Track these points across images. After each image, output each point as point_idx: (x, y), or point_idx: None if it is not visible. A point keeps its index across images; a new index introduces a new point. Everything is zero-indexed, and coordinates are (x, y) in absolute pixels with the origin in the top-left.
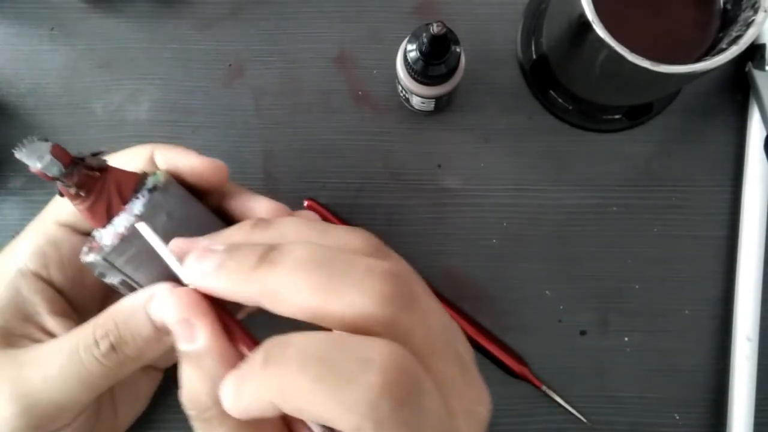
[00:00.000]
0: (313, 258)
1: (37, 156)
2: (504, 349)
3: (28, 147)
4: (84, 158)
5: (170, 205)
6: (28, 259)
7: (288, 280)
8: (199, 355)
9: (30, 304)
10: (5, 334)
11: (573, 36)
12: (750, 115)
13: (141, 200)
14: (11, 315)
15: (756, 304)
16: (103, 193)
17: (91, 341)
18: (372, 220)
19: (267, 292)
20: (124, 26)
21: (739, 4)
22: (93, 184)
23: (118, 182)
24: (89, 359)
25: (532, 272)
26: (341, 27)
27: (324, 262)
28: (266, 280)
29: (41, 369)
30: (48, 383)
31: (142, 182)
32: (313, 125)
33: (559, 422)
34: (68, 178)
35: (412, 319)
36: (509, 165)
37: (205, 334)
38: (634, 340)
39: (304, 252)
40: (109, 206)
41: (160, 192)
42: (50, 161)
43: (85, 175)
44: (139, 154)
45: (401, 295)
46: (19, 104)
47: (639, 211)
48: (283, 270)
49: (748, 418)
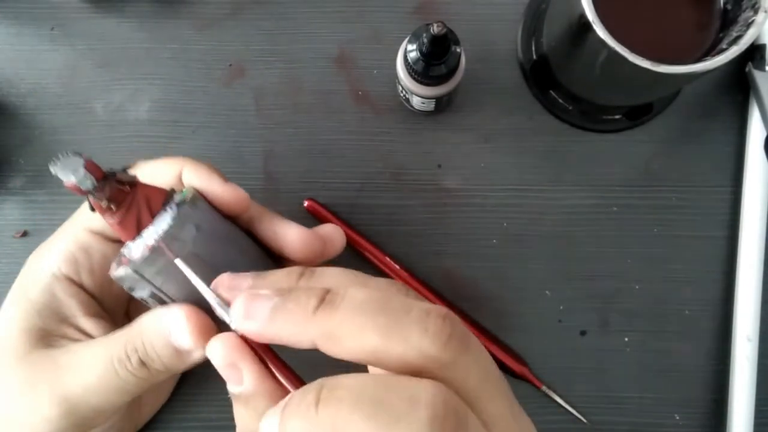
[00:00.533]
0: (373, 300)
1: (71, 170)
2: (504, 349)
3: (62, 161)
4: (115, 173)
5: (198, 217)
6: (62, 264)
7: (349, 322)
8: (248, 396)
9: (66, 307)
10: (44, 335)
11: (573, 36)
12: (750, 115)
13: (170, 213)
14: (49, 317)
15: (756, 304)
16: (133, 206)
17: (124, 356)
18: (372, 220)
19: (327, 335)
20: (124, 26)
21: (739, 5)
22: (123, 198)
23: (147, 197)
24: (123, 371)
25: (532, 272)
26: (341, 27)
27: (383, 305)
28: (327, 324)
29: (81, 377)
30: (88, 390)
31: (170, 197)
32: (313, 125)
33: (559, 422)
34: (100, 191)
35: (468, 359)
36: (509, 165)
37: (252, 376)
38: (634, 340)
39: (362, 295)
40: (139, 219)
41: (189, 205)
42: (84, 175)
43: (116, 189)
44: (168, 169)
45: (458, 336)
46: (20, 104)
47: (639, 211)
48: (345, 312)
49: (748, 419)
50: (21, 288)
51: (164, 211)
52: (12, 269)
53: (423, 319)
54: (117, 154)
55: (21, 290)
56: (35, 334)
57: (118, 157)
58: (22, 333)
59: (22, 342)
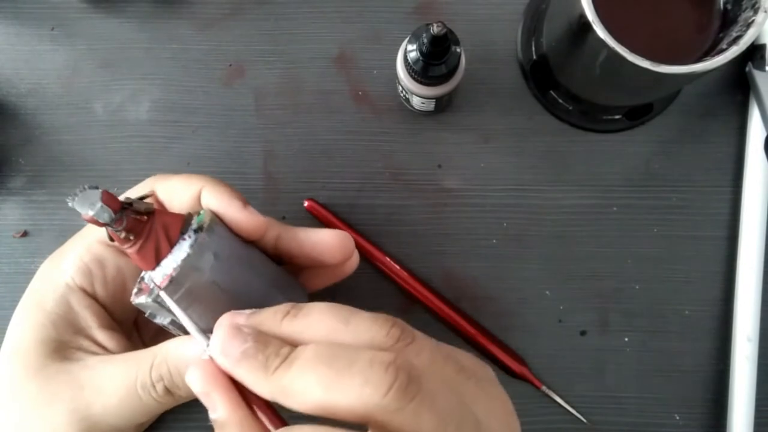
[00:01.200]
0: (321, 356)
1: (88, 204)
2: (504, 349)
3: (80, 196)
4: (132, 203)
5: (216, 245)
6: (75, 275)
7: (299, 379)
8: (222, 423)
9: (81, 318)
10: (60, 347)
11: (573, 36)
12: (750, 115)
13: (188, 241)
14: (64, 328)
15: (756, 304)
16: (151, 235)
17: (149, 383)
18: (372, 220)
19: (280, 391)
20: (124, 26)
21: (739, 5)
22: (141, 228)
23: (165, 225)
24: (147, 397)
25: (532, 272)
26: (341, 27)
27: (330, 361)
28: (280, 382)
29: (102, 397)
30: (108, 411)
31: (187, 223)
32: (313, 125)
33: (559, 422)
34: (118, 223)
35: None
36: (509, 165)
37: (224, 405)
38: (634, 340)
39: (312, 352)
40: (158, 248)
41: (206, 233)
42: (101, 208)
43: (133, 219)
44: (187, 189)
45: (400, 385)
46: (20, 104)
47: (639, 211)
48: (296, 370)
49: (748, 419)
50: (34, 297)
51: (182, 239)
52: (12, 269)
53: (365, 371)
54: (117, 154)
55: (34, 300)
56: (50, 346)
57: (118, 157)
58: (38, 344)
59: (37, 354)
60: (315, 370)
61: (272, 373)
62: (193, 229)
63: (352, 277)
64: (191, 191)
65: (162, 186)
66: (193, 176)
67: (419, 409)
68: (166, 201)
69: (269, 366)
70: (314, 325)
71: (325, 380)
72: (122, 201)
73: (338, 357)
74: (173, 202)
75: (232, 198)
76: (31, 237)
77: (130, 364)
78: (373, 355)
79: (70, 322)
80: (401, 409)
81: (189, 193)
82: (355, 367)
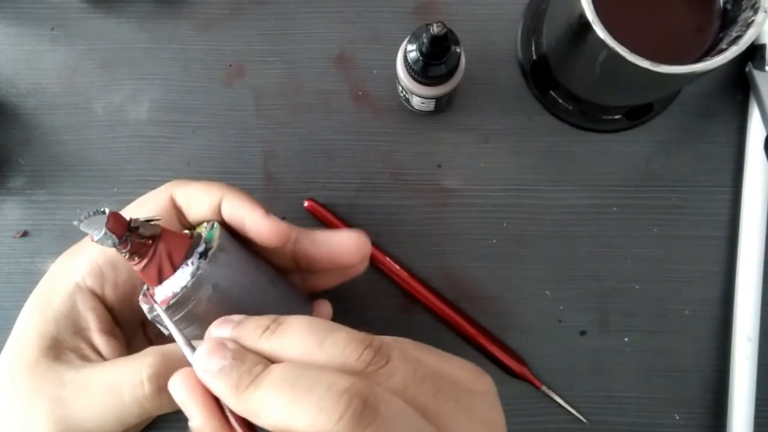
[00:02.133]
0: (286, 379)
1: (94, 228)
2: (504, 349)
3: (87, 220)
4: (138, 227)
5: (217, 274)
6: (86, 276)
7: (265, 401)
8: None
9: (83, 319)
10: (55, 345)
11: (573, 36)
12: (750, 115)
13: (190, 268)
14: (65, 327)
15: (756, 304)
16: (155, 258)
17: (138, 381)
18: (372, 220)
19: (249, 411)
20: (124, 26)
21: (739, 5)
22: (145, 251)
23: (169, 248)
24: (131, 398)
25: (532, 272)
26: (341, 27)
27: (294, 383)
28: (249, 402)
29: (84, 399)
30: (88, 414)
31: (195, 243)
32: (313, 125)
33: (559, 422)
34: (122, 246)
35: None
36: (509, 165)
37: (199, 413)
38: (634, 340)
39: (278, 374)
40: (160, 270)
41: (209, 262)
42: (104, 235)
43: (138, 243)
44: (206, 198)
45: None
46: (20, 104)
47: (639, 211)
48: (262, 392)
49: (748, 418)
50: (44, 292)
51: (185, 264)
52: (12, 269)
53: (321, 397)
54: (117, 154)
55: (44, 294)
56: (47, 342)
57: (118, 157)
58: (36, 339)
59: (33, 348)
60: (279, 392)
61: (242, 392)
62: (199, 252)
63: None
64: (211, 201)
65: (180, 192)
66: (212, 185)
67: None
68: (185, 208)
69: (240, 385)
70: (290, 345)
71: (286, 403)
72: (129, 224)
73: (301, 380)
74: (192, 210)
75: (255, 207)
76: (31, 237)
77: (119, 365)
78: (333, 380)
79: (72, 321)
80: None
81: (208, 202)
82: (313, 393)
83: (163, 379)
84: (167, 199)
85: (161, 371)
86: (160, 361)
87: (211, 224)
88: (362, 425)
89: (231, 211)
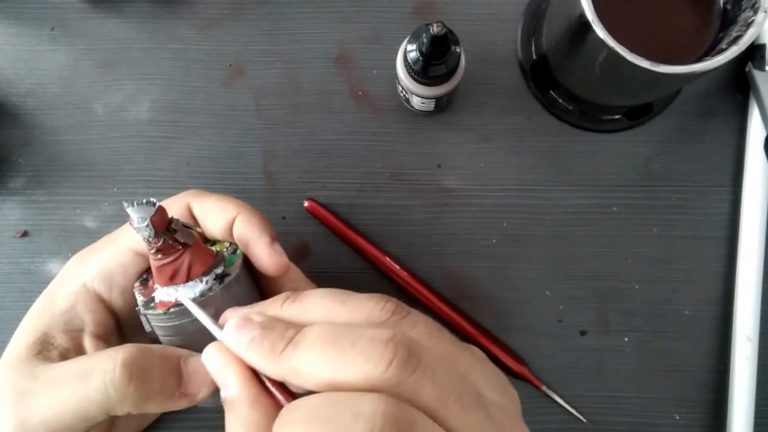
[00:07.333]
0: (325, 337)
1: (139, 215)
2: (504, 349)
3: (137, 207)
4: (177, 230)
5: (223, 302)
6: (95, 278)
7: (305, 360)
8: (233, 401)
9: (80, 320)
10: (43, 340)
11: (573, 36)
12: (750, 115)
13: (201, 286)
14: (57, 324)
15: (756, 304)
16: (176, 263)
17: (110, 366)
18: (372, 220)
19: (290, 372)
20: (124, 26)
21: (739, 5)
22: (171, 253)
23: (193, 260)
24: (98, 383)
25: (532, 272)
26: (341, 27)
27: (333, 340)
28: (289, 363)
29: (50, 389)
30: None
31: (218, 261)
32: (313, 125)
33: (559, 422)
34: (154, 242)
35: (417, 378)
36: (509, 165)
37: (236, 381)
38: (634, 340)
39: (316, 333)
40: (174, 276)
41: (223, 288)
42: (146, 225)
43: (168, 245)
44: (222, 213)
45: (401, 359)
46: (20, 104)
47: (639, 211)
48: (302, 351)
49: (748, 418)
50: (51, 290)
51: (198, 281)
52: (12, 269)
53: (366, 349)
54: (117, 154)
55: (51, 290)
56: (36, 336)
57: (118, 156)
58: (28, 333)
59: (23, 341)
60: (320, 350)
61: (279, 355)
62: (216, 273)
63: (353, 277)
64: (226, 217)
65: (197, 204)
66: (228, 201)
67: (421, 381)
68: (200, 219)
69: (276, 348)
70: (313, 308)
71: (330, 359)
72: (170, 224)
73: (341, 336)
74: (207, 223)
75: (263, 233)
76: (31, 237)
77: (95, 355)
78: (374, 332)
79: (68, 319)
80: (402, 382)
81: (223, 218)
82: (357, 346)
83: (137, 368)
84: (184, 208)
85: (136, 359)
86: (137, 351)
87: (234, 248)
88: (409, 370)
89: (241, 231)
